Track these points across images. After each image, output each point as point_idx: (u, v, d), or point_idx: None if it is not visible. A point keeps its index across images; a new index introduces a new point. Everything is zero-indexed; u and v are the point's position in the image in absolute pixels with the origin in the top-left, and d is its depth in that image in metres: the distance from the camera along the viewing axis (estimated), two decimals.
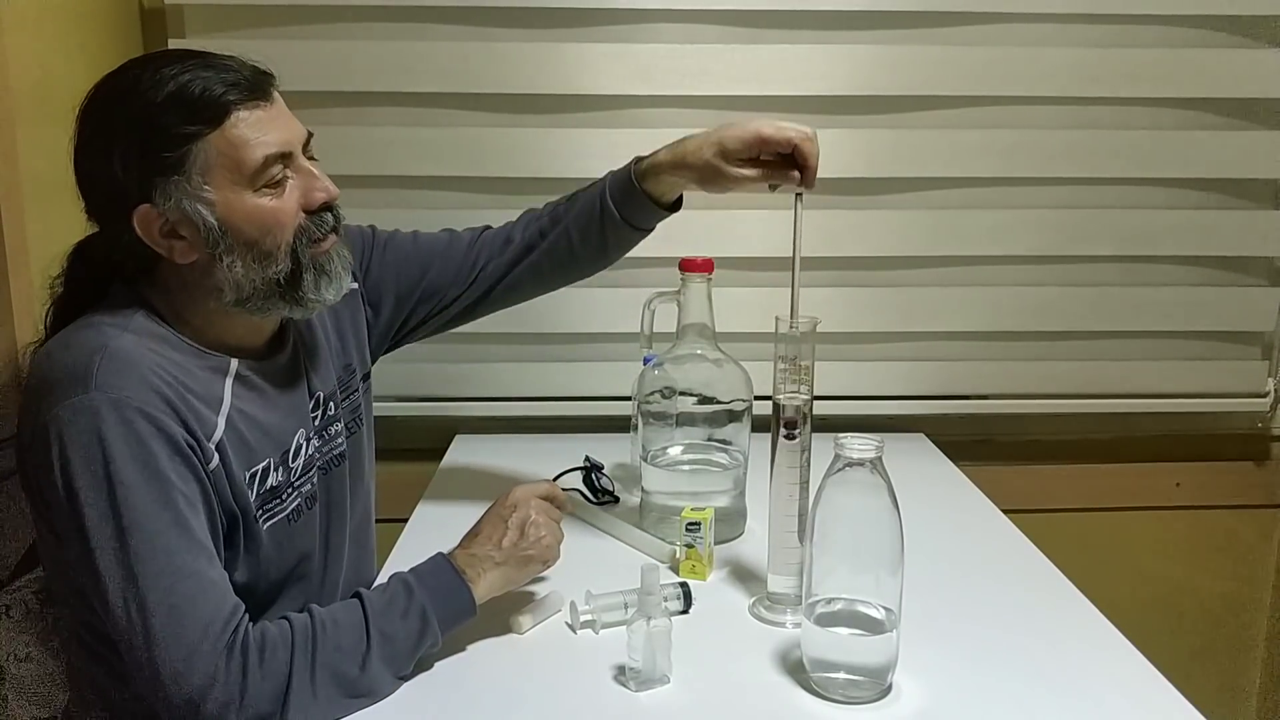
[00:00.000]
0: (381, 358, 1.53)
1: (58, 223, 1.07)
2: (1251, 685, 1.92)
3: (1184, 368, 1.74)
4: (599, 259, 1.25)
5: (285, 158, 0.95)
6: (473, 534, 1.05)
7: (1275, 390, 1.76)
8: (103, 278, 0.98)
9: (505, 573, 1.02)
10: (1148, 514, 1.82)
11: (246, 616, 0.89)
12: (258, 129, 0.93)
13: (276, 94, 0.97)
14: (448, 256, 1.24)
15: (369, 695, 0.91)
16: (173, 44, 1.54)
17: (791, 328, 1.03)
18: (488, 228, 1.28)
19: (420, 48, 1.58)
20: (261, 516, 0.99)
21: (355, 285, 1.19)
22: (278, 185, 0.95)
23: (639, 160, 1.18)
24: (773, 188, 1.15)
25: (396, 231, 1.27)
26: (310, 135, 1.00)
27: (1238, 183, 1.70)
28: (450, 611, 0.97)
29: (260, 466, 1.00)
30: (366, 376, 1.23)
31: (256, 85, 0.94)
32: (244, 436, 0.98)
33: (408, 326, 1.27)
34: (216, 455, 0.94)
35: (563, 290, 1.64)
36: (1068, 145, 1.65)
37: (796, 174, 1.11)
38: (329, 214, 1.00)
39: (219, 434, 0.94)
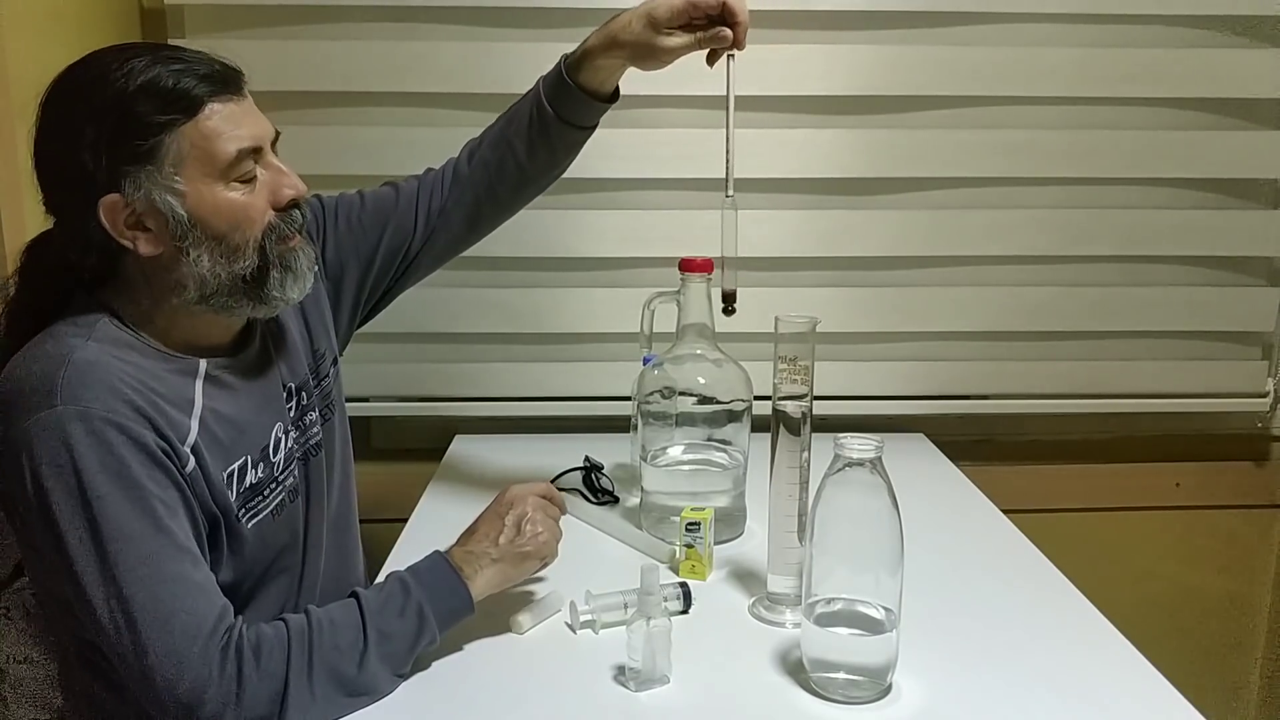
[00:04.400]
0: (381, 359, 1.53)
1: None
2: (1251, 685, 1.92)
3: (1184, 368, 1.74)
4: (550, 168, 1.23)
5: (256, 152, 0.95)
6: (470, 532, 1.05)
7: (1275, 390, 1.76)
8: (60, 278, 0.97)
9: (502, 570, 1.01)
10: (1148, 514, 1.82)
11: (239, 619, 0.89)
12: (231, 122, 0.92)
13: (246, 90, 0.96)
14: (400, 211, 1.22)
15: (368, 694, 0.91)
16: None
17: (726, 198, 1.06)
18: (429, 170, 1.26)
19: (418, 48, 1.58)
20: (244, 515, 0.99)
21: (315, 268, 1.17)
22: (248, 181, 0.95)
23: (568, 56, 1.17)
24: (710, 60, 1.15)
25: (343, 194, 1.24)
26: (278, 134, 0.99)
27: (1238, 183, 1.70)
28: (448, 609, 0.97)
29: (238, 465, 0.99)
30: (335, 361, 1.21)
31: (228, 79, 0.94)
32: (219, 436, 0.97)
33: (378, 292, 1.25)
34: (192, 458, 0.93)
35: (563, 290, 1.67)
36: (1068, 145, 1.65)
37: (728, 32, 1.11)
38: (297, 212, 0.99)
39: (193, 436, 0.94)
